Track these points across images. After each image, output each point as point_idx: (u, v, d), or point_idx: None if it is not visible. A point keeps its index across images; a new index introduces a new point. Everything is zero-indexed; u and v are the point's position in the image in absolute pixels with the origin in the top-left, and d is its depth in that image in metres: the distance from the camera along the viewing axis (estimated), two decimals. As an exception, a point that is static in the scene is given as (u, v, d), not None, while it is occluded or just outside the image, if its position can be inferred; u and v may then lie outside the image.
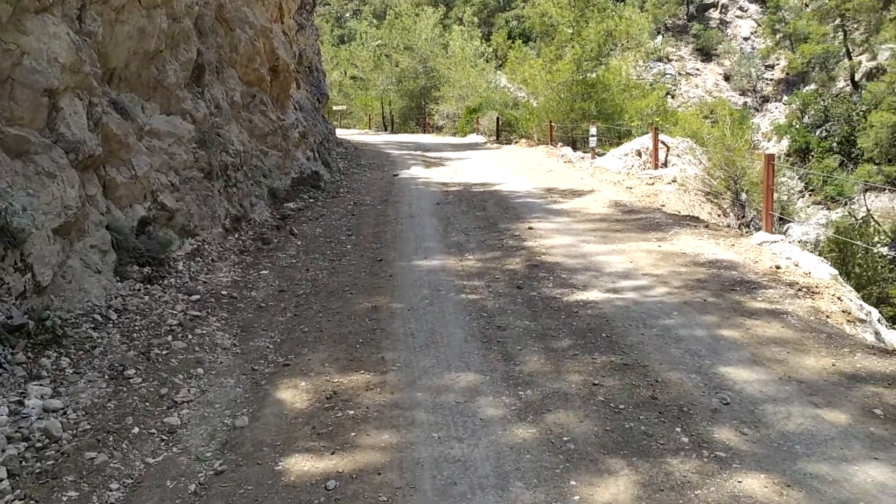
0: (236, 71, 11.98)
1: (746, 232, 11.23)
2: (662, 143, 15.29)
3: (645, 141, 16.31)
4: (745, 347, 5.19)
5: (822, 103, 54.29)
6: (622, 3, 26.61)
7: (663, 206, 12.24)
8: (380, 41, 45.30)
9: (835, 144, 50.33)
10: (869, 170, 44.92)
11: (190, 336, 5.63)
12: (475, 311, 6.39)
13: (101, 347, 5.18)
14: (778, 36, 63.38)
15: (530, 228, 9.96)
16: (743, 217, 13.60)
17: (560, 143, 23.13)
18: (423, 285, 7.27)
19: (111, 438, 4.02)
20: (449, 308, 6.49)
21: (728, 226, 12.22)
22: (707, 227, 9.81)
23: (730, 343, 5.29)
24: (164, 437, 4.16)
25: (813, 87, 57.14)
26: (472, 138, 29.86)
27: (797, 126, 55.10)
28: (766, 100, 62.75)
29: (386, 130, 43.53)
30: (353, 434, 4.13)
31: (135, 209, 7.48)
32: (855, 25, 56.93)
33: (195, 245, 8.24)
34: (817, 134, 52.90)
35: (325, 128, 19.92)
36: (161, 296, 6.62)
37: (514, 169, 17.64)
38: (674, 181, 13.98)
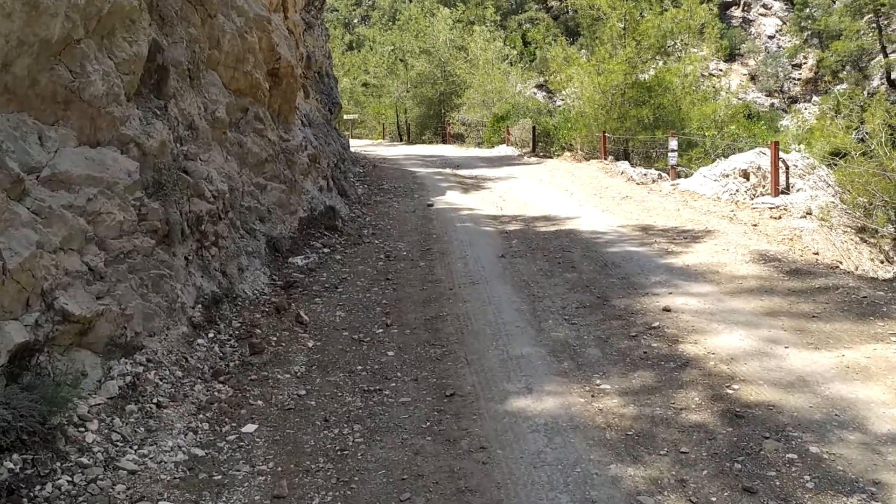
0: (220, 75, 8.55)
1: None
2: (782, 161, 11.71)
3: (751, 158, 12.72)
4: None
5: (857, 104, 50.65)
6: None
7: (817, 254, 8.70)
8: (392, 46, 41.81)
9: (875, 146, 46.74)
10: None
11: None
12: None
13: None
14: (805, 34, 59.85)
15: (667, 311, 6.40)
16: (912, 263, 10.01)
17: (611, 157, 19.58)
18: (554, 482, 3.73)
19: None
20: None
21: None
22: (953, 306, 6.24)
23: None
24: None
25: (845, 86, 53.59)
26: (503, 150, 26.34)
27: (831, 128, 51.42)
28: (794, 100, 59.26)
29: (402, 141, 40.05)
30: None
31: (2, 332, 3.99)
32: (886, 21, 53.44)
33: (131, 374, 4.73)
34: (853, 136, 49.24)
35: (340, 144, 16.45)
36: (23, 541, 3.12)
37: (576, 193, 14.09)
38: (809, 214, 10.40)
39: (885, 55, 52.25)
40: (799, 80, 59.45)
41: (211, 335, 5.85)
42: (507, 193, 14.52)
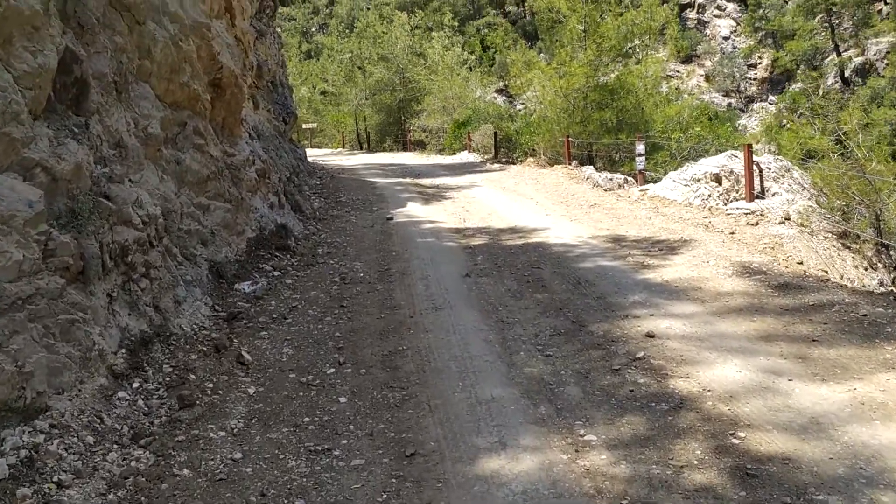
0: (152, 87, 7.77)
1: None
2: (756, 164, 11.24)
3: (723, 161, 12.24)
4: None
5: (813, 101, 51.05)
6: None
7: (802, 264, 8.19)
8: (350, 53, 41.00)
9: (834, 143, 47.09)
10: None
11: None
12: None
13: None
14: (760, 34, 60.47)
15: (651, 337, 5.79)
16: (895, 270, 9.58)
17: (575, 162, 19.07)
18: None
19: None
20: None
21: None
22: (959, 324, 5.71)
23: None
24: None
25: (800, 85, 54.21)
26: (465, 157, 25.74)
27: (788, 127, 51.72)
28: (750, 100, 59.83)
29: (362, 149, 39.29)
30: None
31: None
32: (838, 20, 54.18)
33: (29, 446, 3.95)
34: (810, 133, 49.52)
35: (294, 156, 15.67)
36: None
37: (542, 202, 13.51)
38: (787, 219, 9.92)
39: (839, 53, 52.94)
40: (755, 79, 59.95)
41: (136, 385, 5.08)
42: (471, 204, 13.88)
